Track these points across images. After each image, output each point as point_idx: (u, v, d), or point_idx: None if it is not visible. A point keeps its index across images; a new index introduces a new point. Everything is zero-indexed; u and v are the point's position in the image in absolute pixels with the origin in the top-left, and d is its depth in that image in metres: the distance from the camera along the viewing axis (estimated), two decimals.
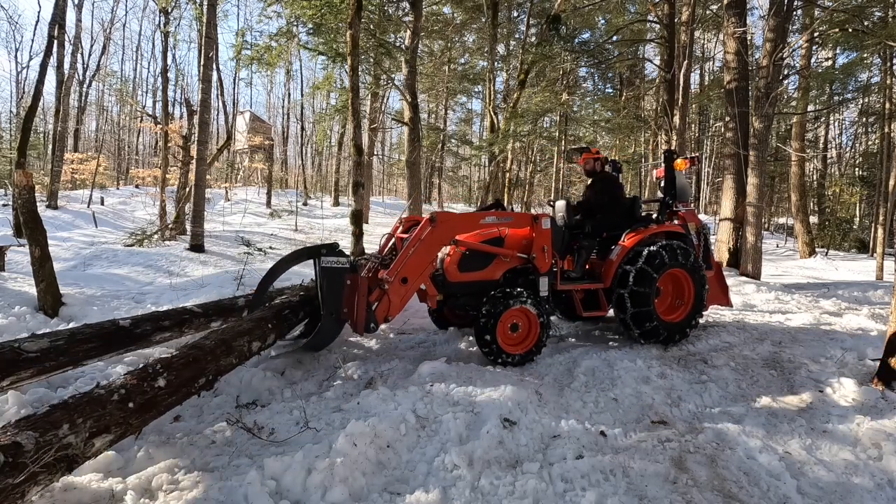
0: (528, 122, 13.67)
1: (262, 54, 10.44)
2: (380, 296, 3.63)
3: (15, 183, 5.93)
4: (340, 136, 23.03)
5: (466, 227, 4.14)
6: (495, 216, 4.26)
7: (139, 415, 2.22)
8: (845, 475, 2.47)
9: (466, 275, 4.12)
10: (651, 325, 4.44)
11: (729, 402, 3.35)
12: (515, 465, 2.41)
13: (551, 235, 4.29)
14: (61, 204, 16.58)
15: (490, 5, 11.79)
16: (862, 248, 19.87)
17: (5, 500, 1.68)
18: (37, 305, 5.16)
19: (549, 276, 4.33)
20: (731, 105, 9.55)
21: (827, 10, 10.35)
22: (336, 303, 3.65)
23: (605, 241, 4.83)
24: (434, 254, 3.93)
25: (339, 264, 3.66)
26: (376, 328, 3.68)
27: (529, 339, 4.06)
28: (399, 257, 3.75)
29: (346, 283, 3.65)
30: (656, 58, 18.58)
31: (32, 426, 1.83)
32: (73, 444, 1.90)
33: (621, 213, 4.93)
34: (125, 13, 47.90)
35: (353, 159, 8.32)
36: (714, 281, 5.26)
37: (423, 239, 3.77)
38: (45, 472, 1.81)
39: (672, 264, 4.58)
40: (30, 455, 1.73)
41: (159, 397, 2.35)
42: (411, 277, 3.74)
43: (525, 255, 4.26)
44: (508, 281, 4.28)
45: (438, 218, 3.86)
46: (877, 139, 21.27)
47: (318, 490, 2.11)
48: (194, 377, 2.63)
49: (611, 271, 4.54)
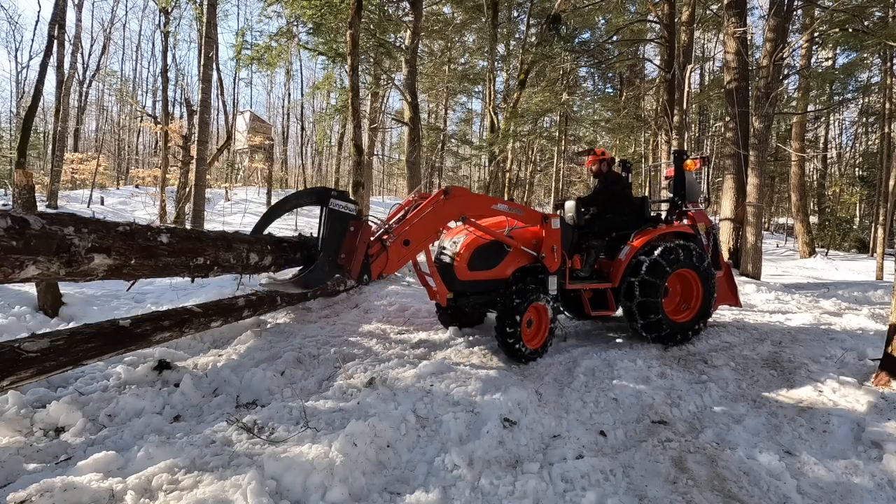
0: (528, 121, 13.66)
1: (262, 54, 10.43)
2: (379, 251, 3.61)
3: (15, 183, 5.92)
4: (340, 136, 23.02)
5: (478, 207, 4.12)
6: (507, 205, 4.31)
7: (139, 256, 2.44)
8: (845, 475, 2.47)
9: (476, 273, 4.15)
10: (658, 325, 4.48)
11: (729, 402, 3.34)
12: (516, 465, 2.41)
13: (561, 235, 4.34)
14: (61, 204, 16.58)
15: (490, 5, 11.78)
16: (862, 248, 19.88)
17: (5, 262, 1.91)
18: (37, 305, 5.16)
19: (559, 275, 4.38)
20: (732, 105, 9.55)
21: (827, 10, 10.35)
22: (336, 247, 3.54)
23: (614, 241, 4.84)
24: (441, 225, 3.95)
25: (346, 209, 3.58)
26: (368, 281, 3.66)
27: (540, 335, 4.16)
28: (407, 219, 3.78)
29: (350, 229, 3.56)
30: (656, 58, 18.57)
31: (43, 216, 2.11)
32: (74, 245, 2.13)
33: (630, 213, 4.94)
34: (125, 13, 47.98)
35: (353, 159, 8.31)
36: (723, 281, 5.28)
37: (433, 208, 3.80)
38: (45, 255, 2.04)
39: (681, 265, 4.60)
40: (34, 232, 1.99)
41: (159, 250, 2.61)
42: (413, 241, 3.74)
43: (534, 252, 4.30)
44: (518, 279, 4.30)
45: (453, 191, 3.88)
46: (877, 139, 21.26)
47: (318, 490, 2.11)
48: (193, 252, 2.84)
49: (619, 271, 4.56)
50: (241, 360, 3.89)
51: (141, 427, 2.74)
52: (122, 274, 2.47)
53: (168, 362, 3.53)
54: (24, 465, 2.36)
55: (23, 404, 2.86)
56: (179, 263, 2.72)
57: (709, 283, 4.76)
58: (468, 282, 4.16)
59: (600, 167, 5.09)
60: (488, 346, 4.33)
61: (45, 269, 2.05)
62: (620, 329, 5.27)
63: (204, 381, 3.40)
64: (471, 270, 4.12)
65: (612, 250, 4.78)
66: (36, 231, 1.97)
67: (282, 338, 4.49)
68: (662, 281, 4.47)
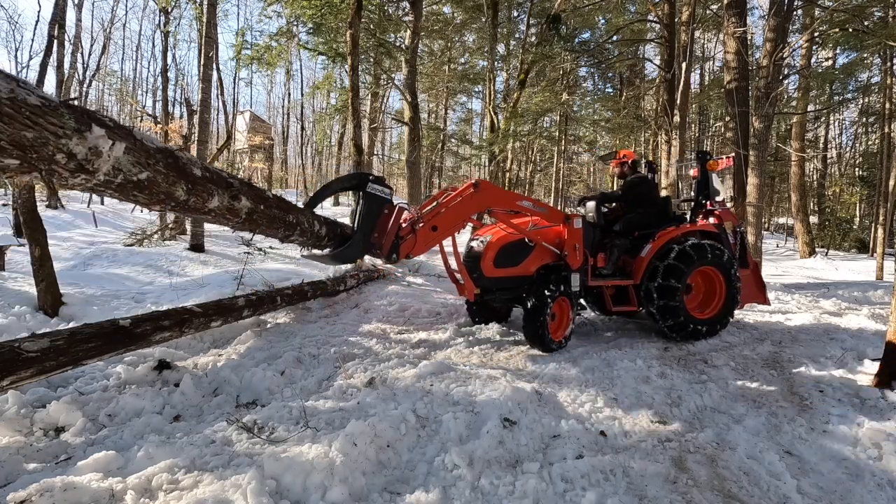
0: (528, 121, 13.67)
1: (262, 54, 10.44)
2: (409, 234, 3.99)
3: (15, 182, 5.92)
4: (340, 136, 23.03)
5: (504, 202, 4.42)
6: (532, 202, 4.56)
7: (261, 203, 3.25)
8: (845, 475, 2.47)
9: (501, 270, 4.40)
10: (680, 320, 4.58)
11: (729, 401, 3.34)
12: (516, 465, 2.41)
13: (583, 234, 4.54)
14: (61, 203, 16.57)
15: (490, 5, 11.78)
16: (862, 248, 19.87)
17: (204, 191, 2.53)
18: (37, 305, 5.16)
19: (581, 272, 4.56)
20: (732, 105, 9.54)
21: (827, 9, 10.35)
22: (370, 227, 3.89)
23: (637, 239, 4.95)
24: (468, 215, 4.32)
25: (382, 193, 3.92)
26: (397, 259, 4.01)
27: (563, 328, 4.39)
28: (436, 208, 4.13)
29: (384, 212, 3.91)
30: (656, 58, 18.56)
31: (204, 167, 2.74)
32: (233, 186, 2.93)
33: (653, 212, 5.05)
34: (125, 13, 48.01)
35: (354, 159, 8.31)
36: (751, 279, 5.33)
37: (462, 199, 4.13)
38: (220, 188, 2.70)
39: (702, 262, 4.70)
40: (211, 174, 2.75)
41: (269, 201, 3.39)
42: (441, 228, 4.10)
43: (557, 250, 4.51)
44: (542, 276, 4.48)
45: (481, 185, 4.21)
46: (877, 139, 21.25)
47: (318, 490, 2.10)
48: (287, 209, 3.59)
49: (641, 268, 4.70)
50: (241, 359, 3.89)
51: (141, 427, 2.74)
52: (251, 221, 3.13)
53: (168, 362, 3.53)
54: (24, 464, 2.36)
55: (23, 404, 2.86)
56: (280, 217, 3.43)
57: (732, 281, 4.84)
58: (494, 278, 4.40)
59: (623, 169, 5.24)
60: (488, 346, 4.33)
61: (220, 202, 2.70)
62: (621, 329, 5.28)
63: (204, 381, 3.40)
64: (496, 268, 4.38)
65: (636, 249, 4.91)
66: (212, 173, 2.68)
67: (282, 338, 4.49)
68: (683, 277, 4.58)
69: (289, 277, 7.46)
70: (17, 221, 9.87)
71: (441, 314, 5.53)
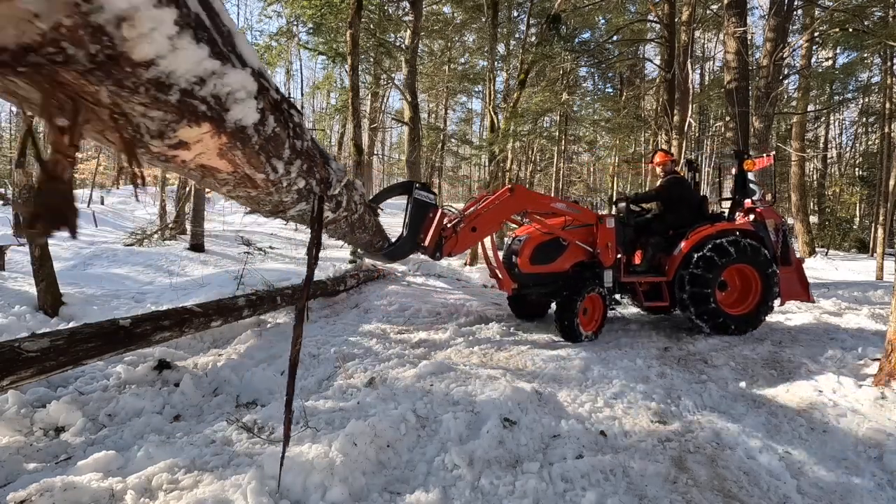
0: (528, 121, 13.65)
1: (262, 54, 10.43)
2: (450, 234, 4.40)
3: (15, 182, 5.92)
4: (340, 136, 23.01)
5: (538, 204, 4.80)
6: (565, 204, 4.94)
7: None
8: (845, 475, 2.46)
9: (537, 267, 4.79)
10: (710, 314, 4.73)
11: (729, 401, 3.34)
12: (516, 465, 2.41)
13: (615, 233, 4.84)
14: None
15: (490, 5, 11.77)
16: (862, 248, 19.87)
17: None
18: (37, 305, 5.16)
19: (613, 269, 4.88)
20: (732, 105, 9.55)
21: (827, 9, 10.35)
22: (417, 228, 4.29)
23: (672, 238, 5.11)
24: (504, 217, 4.74)
25: (427, 199, 4.33)
26: (440, 257, 4.43)
27: (595, 321, 4.75)
28: (476, 211, 4.55)
29: (429, 215, 4.29)
30: (656, 57, 18.56)
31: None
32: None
33: (689, 212, 5.19)
34: None
35: (354, 159, 8.31)
36: (794, 276, 5.36)
37: (499, 203, 4.53)
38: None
39: (735, 259, 4.81)
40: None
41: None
42: (480, 229, 4.51)
43: (590, 248, 4.84)
44: (577, 273, 4.87)
45: (517, 189, 4.67)
46: (877, 139, 21.25)
47: (318, 490, 2.10)
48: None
49: (673, 265, 4.91)
50: (241, 359, 3.89)
51: (141, 427, 2.74)
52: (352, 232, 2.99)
53: (168, 362, 3.53)
54: (24, 464, 2.36)
55: (23, 404, 2.86)
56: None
57: (768, 279, 4.90)
58: (530, 274, 4.80)
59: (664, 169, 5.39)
60: (488, 346, 4.34)
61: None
62: (622, 329, 5.27)
63: (204, 381, 3.40)
64: (532, 265, 4.76)
65: (670, 247, 5.08)
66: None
67: (282, 338, 4.49)
68: (714, 273, 4.74)
69: (289, 277, 7.47)
70: (17, 221, 9.88)
71: (441, 314, 5.53)
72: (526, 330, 5.02)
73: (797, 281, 5.40)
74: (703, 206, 5.32)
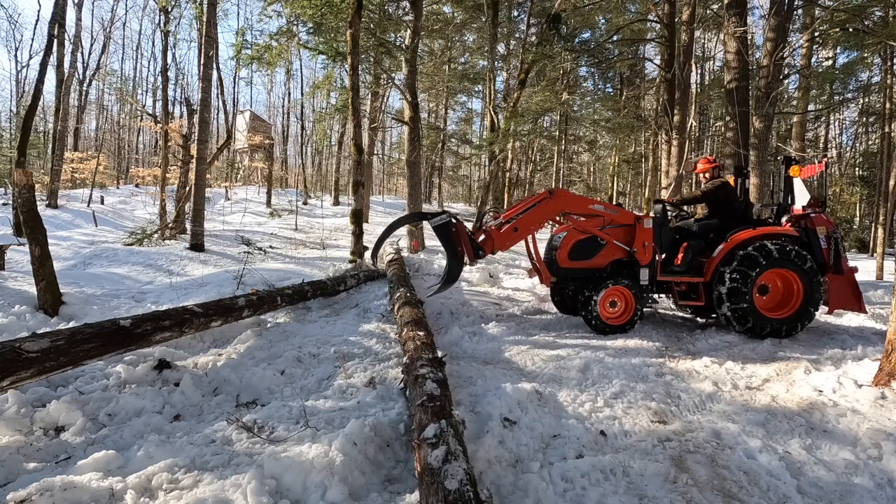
0: (528, 121, 13.67)
1: (263, 53, 10.42)
2: (480, 237, 4.91)
3: (15, 182, 5.92)
4: (340, 136, 23.02)
5: (577, 206, 5.18)
6: (603, 205, 5.23)
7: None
8: (845, 475, 2.46)
9: (575, 262, 5.12)
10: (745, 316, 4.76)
11: (729, 401, 3.34)
12: (516, 465, 2.41)
13: (652, 233, 5.08)
14: (61, 203, 16.57)
15: (490, 5, 11.76)
16: (862, 248, 19.87)
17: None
18: (37, 304, 5.16)
19: (650, 267, 5.10)
20: (732, 105, 9.53)
21: (827, 9, 10.34)
22: (452, 248, 4.70)
23: (713, 241, 5.22)
24: (545, 218, 5.17)
25: (441, 221, 4.72)
26: (484, 255, 4.90)
27: (626, 315, 4.98)
28: (517, 212, 5.04)
29: (453, 231, 4.72)
30: (656, 57, 18.54)
31: None
32: None
33: (731, 216, 5.28)
34: (125, 12, 47.95)
35: (354, 158, 8.30)
36: (845, 284, 5.21)
37: (539, 204, 5.00)
38: None
39: (775, 263, 4.83)
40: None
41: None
42: (521, 229, 4.99)
43: (627, 247, 5.08)
44: (614, 269, 5.15)
45: (556, 192, 5.12)
46: (877, 139, 21.25)
47: (318, 489, 2.10)
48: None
49: (711, 266, 5.02)
50: (241, 359, 3.89)
51: (141, 426, 2.74)
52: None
53: (168, 362, 3.53)
54: (24, 464, 2.36)
55: (23, 404, 2.85)
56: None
57: (811, 285, 4.86)
58: (567, 269, 5.14)
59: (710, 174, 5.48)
60: (489, 345, 4.33)
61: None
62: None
63: (204, 381, 3.40)
64: (570, 260, 5.10)
65: (710, 249, 5.18)
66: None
67: (282, 337, 4.49)
68: (751, 276, 4.77)
69: (289, 277, 7.47)
70: (17, 220, 9.87)
71: (441, 314, 5.54)
72: (526, 330, 5.03)
73: (848, 290, 5.22)
74: (748, 212, 5.42)
